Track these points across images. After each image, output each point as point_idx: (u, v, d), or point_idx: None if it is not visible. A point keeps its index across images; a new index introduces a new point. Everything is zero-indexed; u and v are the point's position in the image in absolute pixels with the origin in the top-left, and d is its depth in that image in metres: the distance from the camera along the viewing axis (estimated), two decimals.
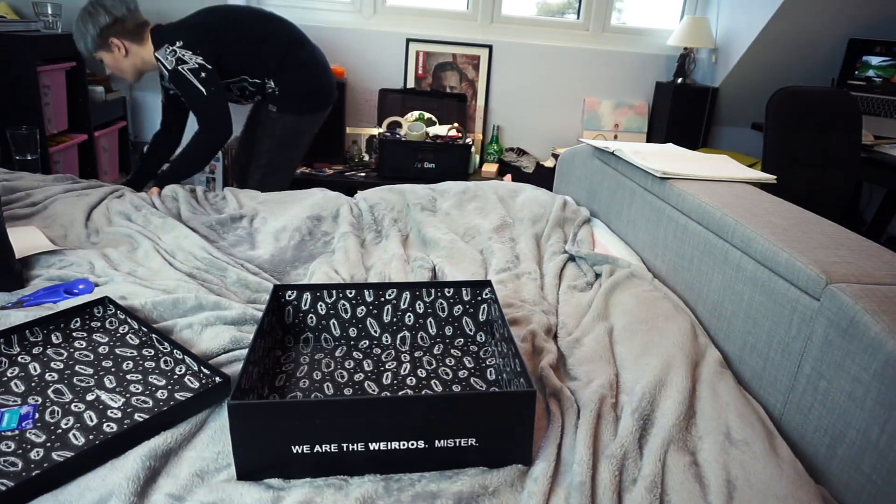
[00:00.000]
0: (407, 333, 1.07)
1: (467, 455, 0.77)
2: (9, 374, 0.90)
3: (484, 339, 1.08)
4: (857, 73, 2.97)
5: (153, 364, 0.95)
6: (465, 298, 1.07)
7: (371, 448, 0.75)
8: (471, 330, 1.08)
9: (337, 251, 1.43)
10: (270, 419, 0.72)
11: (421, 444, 0.76)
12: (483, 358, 1.03)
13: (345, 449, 0.74)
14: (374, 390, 0.93)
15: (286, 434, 0.73)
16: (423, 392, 0.93)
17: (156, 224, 1.50)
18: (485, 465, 0.78)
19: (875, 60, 2.93)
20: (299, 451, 0.74)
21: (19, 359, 0.94)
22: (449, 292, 1.07)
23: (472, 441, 0.76)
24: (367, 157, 3.31)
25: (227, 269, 1.28)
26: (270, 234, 1.51)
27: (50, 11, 2.58)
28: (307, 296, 1.04)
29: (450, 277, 1.32)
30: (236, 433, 0.72)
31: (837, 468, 0.83)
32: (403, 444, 0.75)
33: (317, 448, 0.74)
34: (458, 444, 0.76)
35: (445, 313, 1.07)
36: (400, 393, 0.93)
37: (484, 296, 1.07)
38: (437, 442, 0.76)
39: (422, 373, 0.98)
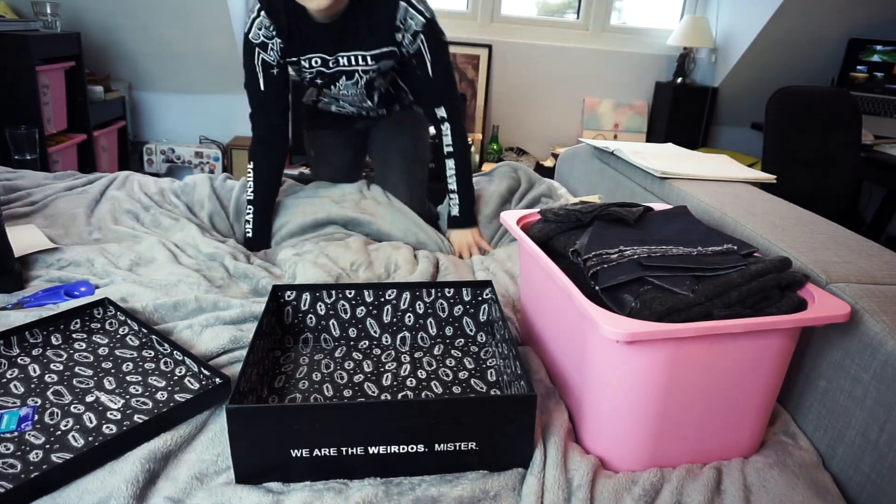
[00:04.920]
0: (407, 334, 1.07)
1: (467, 459, 0.77)
2: (8, 376, 0.90)
3: (484, 339, 1.08)
4: (861, 57, 2.97)
5: (153, 365, 0.95)
6: (466, 299, 1.07)
7: (371, 452, 0.75)
8: (471, 330, 1.08)
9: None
10: (269, 423, 0.72)
11: (421, 447, 0.75)
12: (484, 359, 1.03)
13: (344, 453, 0.74)
14: (373, 391, 0.93)
15: (285, 438, 0.73)
16: (423, 394, 0.93)
17: (165, 225, 1.50)
18: (485, 468, 0.77)
19: (879, 46, 2.94)
20: (298, 454, 0.73)
21: (19, 360, 0.94)
22: (449, 292, 1.06)
23: (472, 445, 0.76)
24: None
25: (225, 257, 1.31)
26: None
27: (49, 11, 2.58)
28: (306, 296, 1.04)
29: (454, 270, 1.33)
30: (235, 437, 0.72)
31: (837, 468, 0.83)
32: (403, 448, 0.75)
33: (316, 452, 0.74)
34: (458, 447, 0.76)
35: (446, 314, 1.07)
36: (400, 395, 0.93)
37: (485, 296, 1.07)
38: (436, 446, 0.75)
39: (422, 374, 0.98)
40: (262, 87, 1.48)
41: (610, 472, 0.80)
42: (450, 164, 1.54)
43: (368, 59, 1.45)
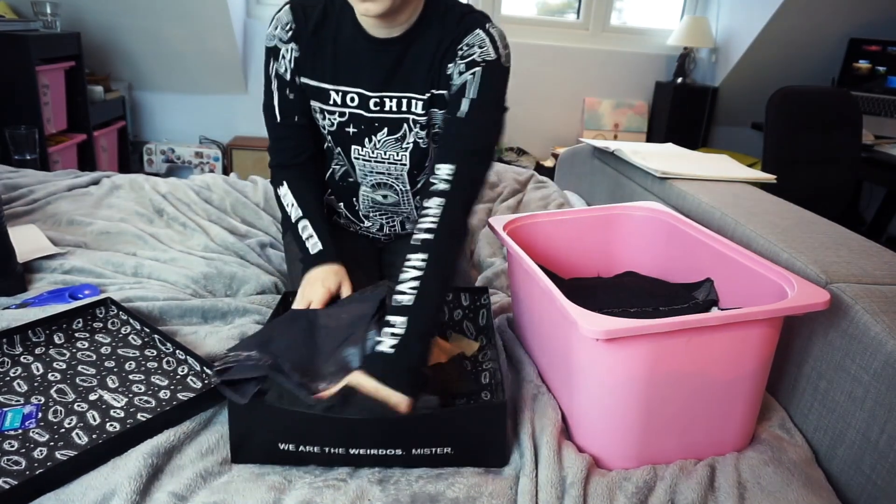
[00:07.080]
0: None
1: (444, 460, 0.79)
2: (11, 374, 0.90)
3: (485, 342, 1.08)
4: (867, 47, 2.95)
5: (155, 364, 0.95)
6: (465, 303, 1.08)
7: (351, 453, 0.78)
8: (471, 334, 1.09)
9: None
10: (262, 418, 0.77)
11: (399, 451, 0.78)
12: (481, 361, 1.03)
13: (326, 452, 0.78)
14: None
15: (275, 433, 0.77)
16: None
17: (177, 229, 1.48)
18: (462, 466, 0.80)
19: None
20: (286, 448, 0.77)
21: (22, 359, 0.94)
22: (448, 297, 1.07)
23: (447, 450, 0.78)
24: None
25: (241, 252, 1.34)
26: None
27: (49, 11, 2.58)
28: None
29: None
30: (233, 419, 0.78)
31: (837, 468, 0.83)
32: (382, 451, 0.78)
33: (301, 448, 0.78)
34: (434, 452, 0.78)
35: (446, 317, 1.08)
36: None
37: (482, 301, 1.08)
38: (413, 450, 0.78)
39: None
40: (278, 116, 1.05)
41: (604, 469, 0.80)
42: (417, 257, 0.86)
43: (420, 105, 1.02)
